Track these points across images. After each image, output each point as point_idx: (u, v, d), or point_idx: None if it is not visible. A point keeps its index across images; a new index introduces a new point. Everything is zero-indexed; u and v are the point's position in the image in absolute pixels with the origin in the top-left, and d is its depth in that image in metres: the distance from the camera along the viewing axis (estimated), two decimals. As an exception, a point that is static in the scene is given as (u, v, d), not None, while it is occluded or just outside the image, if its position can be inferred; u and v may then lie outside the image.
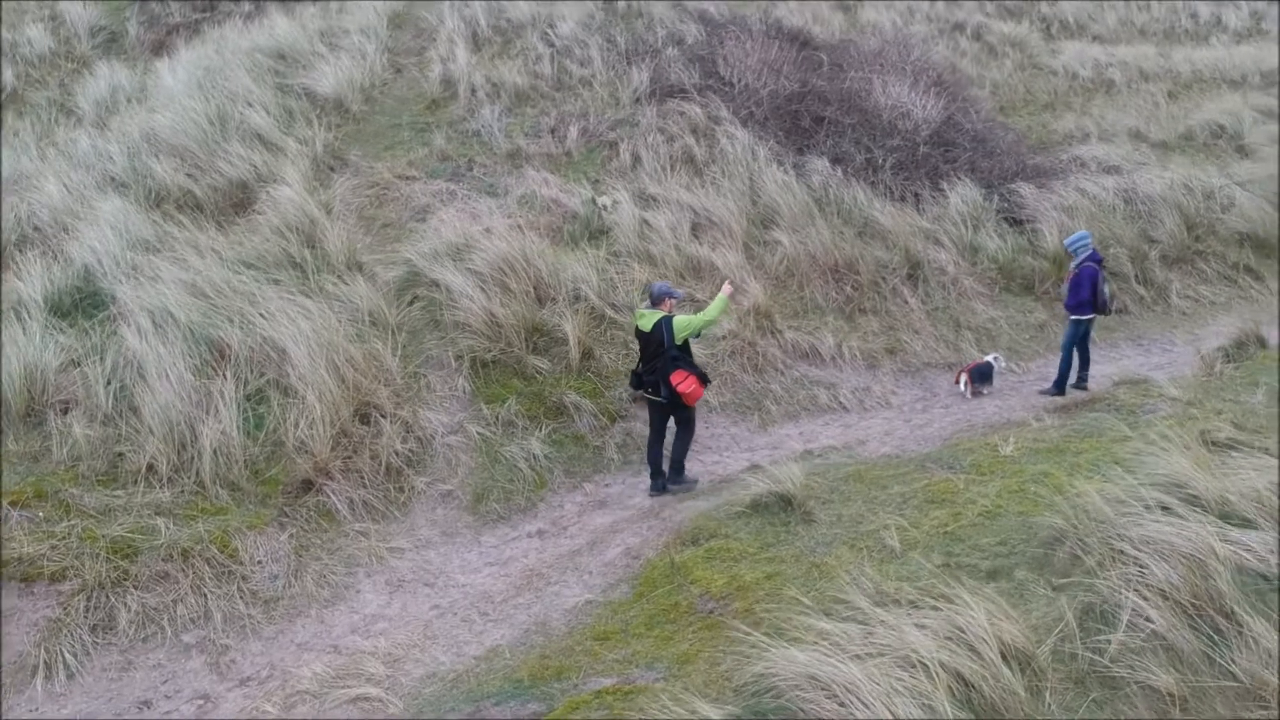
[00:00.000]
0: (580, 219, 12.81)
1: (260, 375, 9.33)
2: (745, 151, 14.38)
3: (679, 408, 9.16)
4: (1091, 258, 11.50)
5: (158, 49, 20.22)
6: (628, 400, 10.38)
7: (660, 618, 7.27)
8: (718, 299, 9.13)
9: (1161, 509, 6.53)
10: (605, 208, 13.16)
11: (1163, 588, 5.87)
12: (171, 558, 7.78)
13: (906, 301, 12.67)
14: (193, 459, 8.59)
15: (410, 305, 11.00)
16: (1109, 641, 5.61)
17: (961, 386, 11.63)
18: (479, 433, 9.54)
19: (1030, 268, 13.58)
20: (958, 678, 5.24)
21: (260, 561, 8.10)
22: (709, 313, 9.12)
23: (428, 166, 14.10)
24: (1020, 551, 7.02)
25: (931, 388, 11.80)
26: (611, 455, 9.87)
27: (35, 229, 12.17)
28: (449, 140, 14.69)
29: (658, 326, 8.96)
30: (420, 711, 6.39)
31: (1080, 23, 27.93)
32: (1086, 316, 11.48)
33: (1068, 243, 11.79)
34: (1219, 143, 19.54)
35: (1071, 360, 11.58)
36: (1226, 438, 8.49)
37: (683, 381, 8.87)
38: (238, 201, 13.01)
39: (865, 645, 5.66)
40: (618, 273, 11.78)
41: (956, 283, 13.09)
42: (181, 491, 8.43)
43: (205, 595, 7.67)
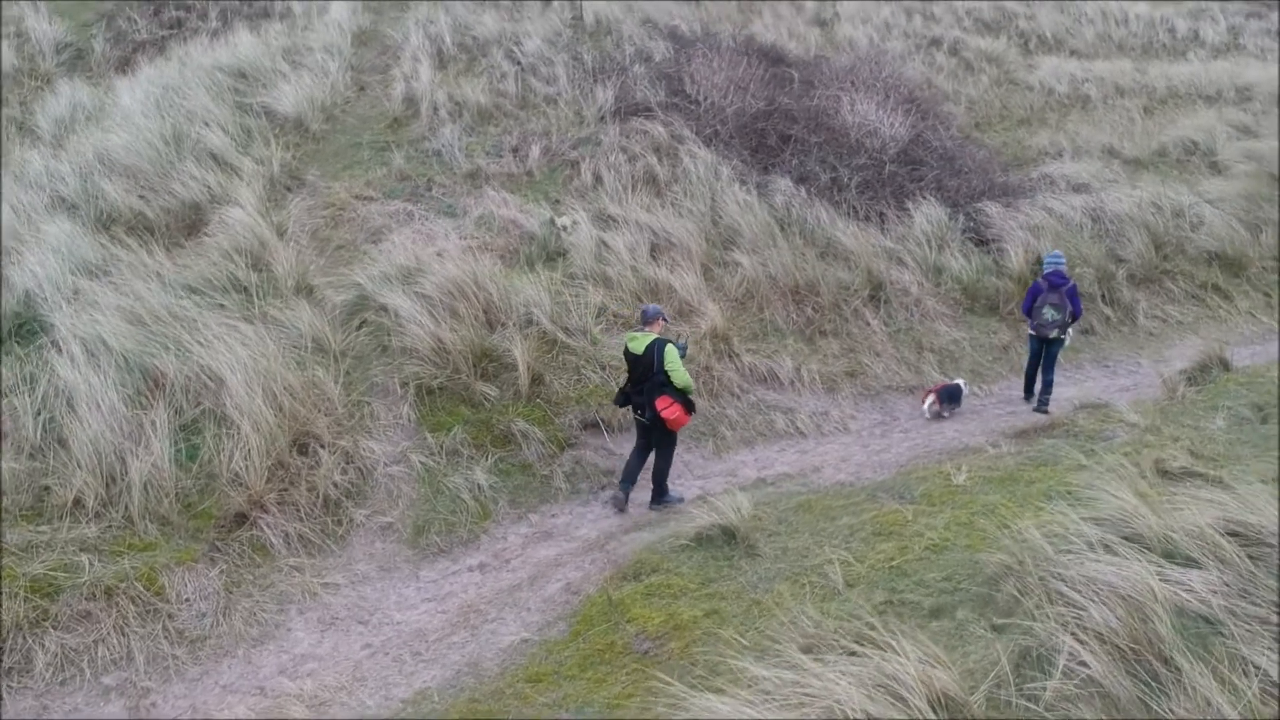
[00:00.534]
0: (538, 240, 12.62)
1: (197, 405, 9.08)
2: (708, 171, 14.22)
3: (661, 431, 9.21)
4: (1047, 277, 11.39)
5: (123, 66, 20.00)
6: (577, 427, 10.17)
7: (595, 658, 7.06)
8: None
9: (1104, 547, 6.34)
10: (564, 229, 12.98)
11: (1101, 631, 5.67)
12: (94, 596, 7.53)
13: (868, 323, 12.48)
14: (122, 492, 8.32)
15: (359, 330, 10.77)
16: (1044, 688, 5.41)
17: (925, 407, 11.48)
18: (422, 462, 9.30)
19: (995, 288, 13.40)
20: (883, 730, 5.05)
21: (188, 599, 7.85)
22: (692, 387, 9.26)
23: (386, 187, 13.90)
24: (964, 588, 6.84)
25: (892, 411, 11.61)
26: (559, 485, 9.64)
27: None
28: (408, 160, 14.50)
29: (650, 349, 8.99)
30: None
31: (1058, 38, 27.93)
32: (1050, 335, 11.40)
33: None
34: (1192, 159, 19.44)
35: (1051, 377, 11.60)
36: (1180, 467, 8.33)
37: (668, 408, 8.94)
38: (190, 223, 12.77)
39: (793, 693, 5.46)
40: (572, 296, 11.57)
41: (919, 304, 12.91)
42: (109, 526, 8.16)
43: (128, 635, 7.42)
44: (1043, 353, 11.56)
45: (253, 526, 8.44)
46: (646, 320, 9.29)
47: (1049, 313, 11.28)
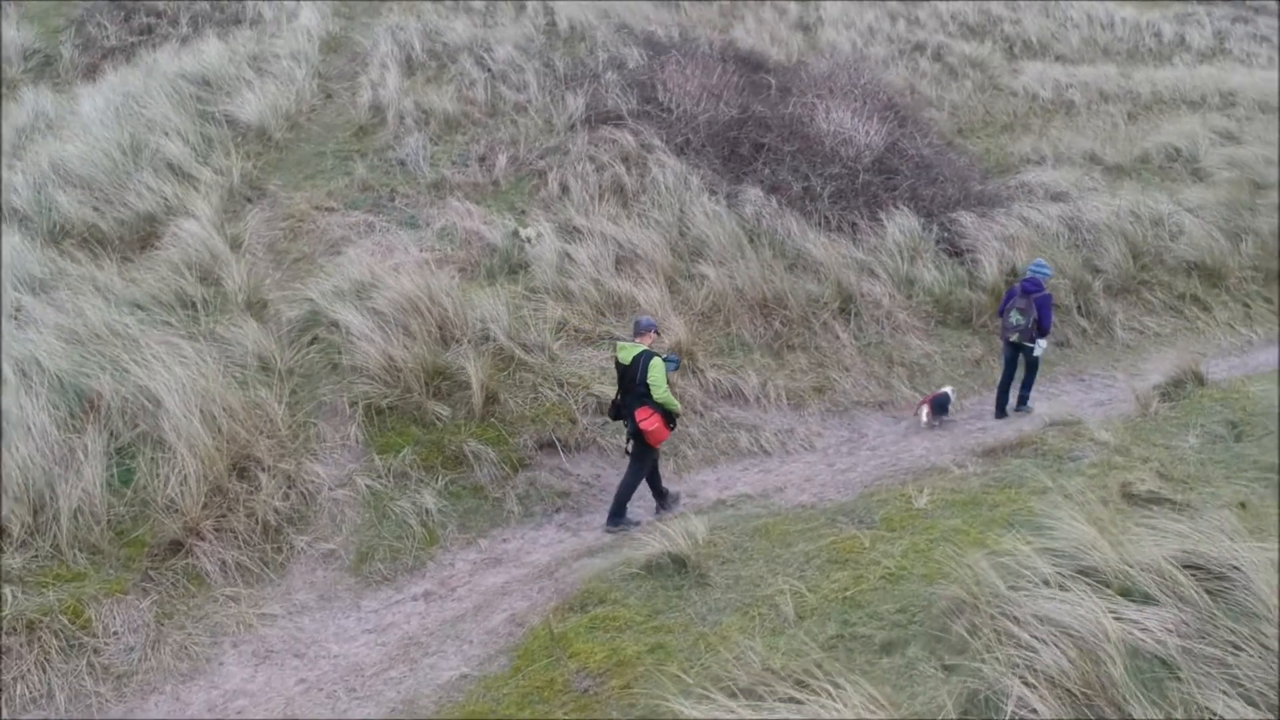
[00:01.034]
0: (500, 253, 12.33)
1: (134, 427, 8.78)
2: (677, 181, 13.94)
3: (640, 445, 9.09)
4: (1022, 282, 11.42)
5: (90, 73, 19.67)
6: (533, 447, 9.88)
7: (534, 696, 6.77)
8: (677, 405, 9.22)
9: (1059, 582, 6.06)
10: (528, 240, 12.69)
11: (1051, 674, 5.40)
12: (15, 630, 7.25)
13: (838, 337, 12.21)
14: (50, 520, 8.02)
15: (310, 347, 10.47)
16: (989, 737, 5.15)
17: (924, 418, 11.39)
18: (368, 485, 9.00)
19: (968, 300, 13.12)
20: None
21: (116, 632, 7.55)
22: (674, 405, 9.10)
23: (348, 197, 13.60)
24: (918, 622, 6.56)
25: (860, 428, 11.32)
26: (512, 508, 9.34)
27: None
28: (372, 170, 14.20)
29: (636, 360, 8.90)
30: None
31: (1044, 43, 27.71)
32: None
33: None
34: (1175, 166, 19.22)
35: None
36: (1147, 490, 8.08)
37: (646, 419, 8.85)
38: (144, 236, 12.48)
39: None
40: (532, 311, 11.28)
41: (891, 317, 12.64)
42: (35, 556, 7.86)
43: (49, 672, 7.12)
44: (1016, 362, 11.55)
45: (188, 555, 8.15)
46: (638, 332, 9.21)
47: (1014, 316, 11.28)
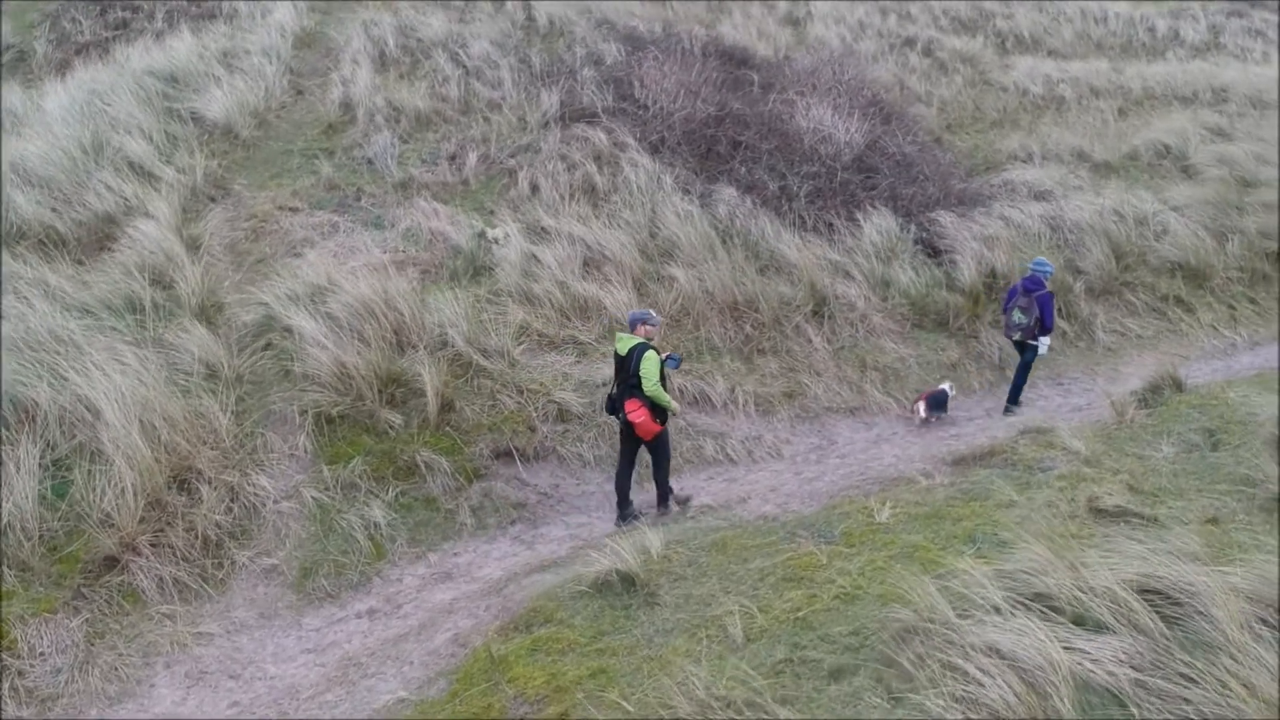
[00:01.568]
0: (464, 254, 12.04)
1: (71, 438, 8.50)
2: (650, 180, 13.63)
3: (645, 439, 9.03)
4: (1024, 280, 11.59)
5: (62, 70, 19.37)
6: (489, 456, 9.60)
7: (469, 722, 6.51)
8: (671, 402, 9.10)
9: (1011, 609, 5.80)
10: (495, 241, 12.41)
11: (997, 709, 5.15)
12: (-65, 653, 6.99)
13: (810, 340, 11.91)
14: (-22, 536, 7.76)
15: (264, 353, 10.19)
16: (928, 777, 4.88)
17: (922, 413, 11.28)
18: (315, 498, 8.73)
19: (945, 303, 12.80)
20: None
21: (43, 653, 7.29)
22: (664, 400, 8.96)
23: (313, 197, 13.30)
24: (870, 645, 6.31)
25: (829, 435, 11.04)
26: (465, 520, 9.07)
27: None
28: (338, 168, 13.90)
29: (632, 352, 8.86)
30: None
31: (1036, 37, 27.37)
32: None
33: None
34: (1163, 163, 18.89)
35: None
36: (1115, 505, 7.83)
37: (634, 411, 8.81)
38: (103, 237, 12.17)
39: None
40: (494, 315, 11.00)
41: (865, 319, 12.33)
42: (-39, 574, 7.60)
43: (-30, 696, 6.86)
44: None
45: (123, 571, 7.89)
46: (632, 324, 9.17)
47: (1016, 315, 11.42)
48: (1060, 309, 13.15)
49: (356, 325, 10.04)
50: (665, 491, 9.40)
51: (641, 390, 8.79)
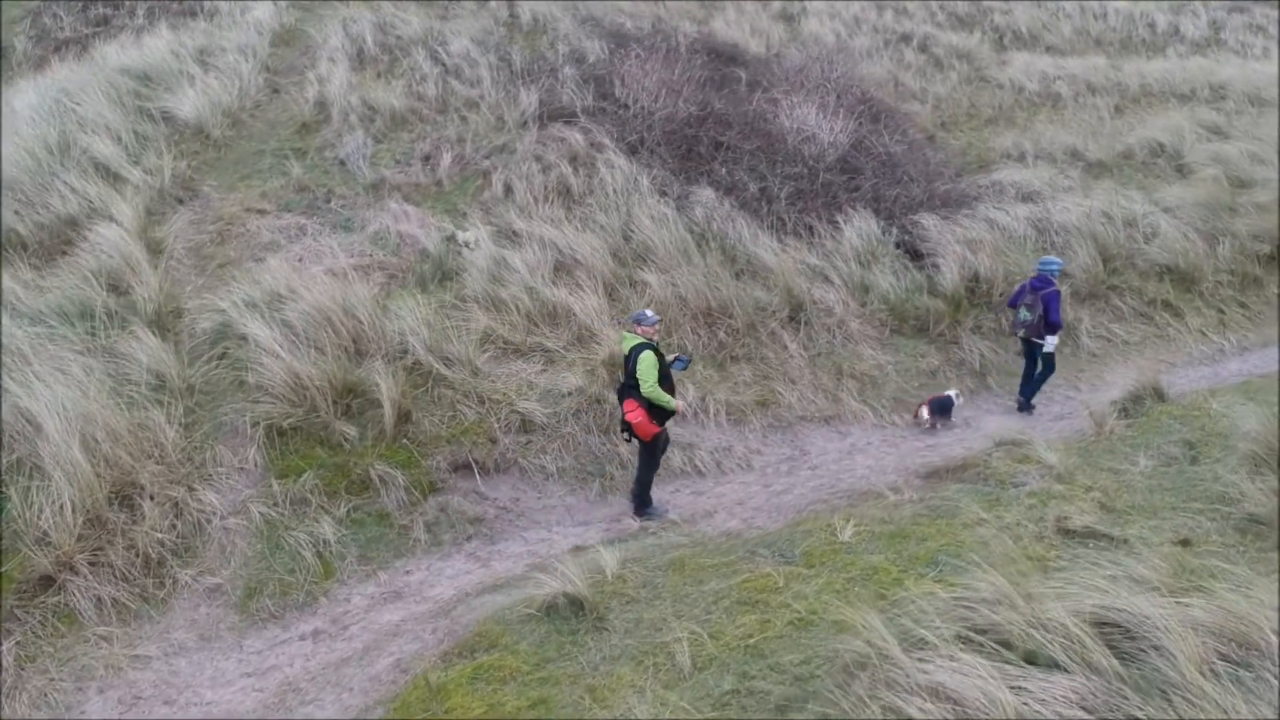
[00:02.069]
0: (433, 259, 11.76)
1: (10, 453, 8.26)
2: (626, 182, 13.34)
3: (644, 439, 9.02)
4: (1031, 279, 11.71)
5: (41, 66, 19.16)
6: (446, 469, 9.34)
7: (403, 755, 6.27)
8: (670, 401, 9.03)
9: (961, 644, 5.52)
10: (466, 245, 12.13)
11: (938, 755, 4.88)
12: None
13: (785, 347, 11.62)
14: (-92, 557, 7.52)
15: (220, 362, 9.93)
16: (861, 829, 4.62)
17: (923, 418, 11.17)
18: (263, 513, 8.47)
19: (925, 308, 12.48)
20: None
21: (-31, 679, 7.05)
22: (663, 400, 8.91)
23: (282, 199, 13.04)
24: (819, 676, 6.06)
25: (802, 445, 10.75)
26: (419, 535, 8.80)
27: None
28: (309, 169, 13.63)
29: (633, 352, 8.92)
30: None
31: (1034, 33, 27.02)
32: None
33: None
34: (1158, 162, 18.55)
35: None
36: (1084, 525, 7.55)
37: (631, 411, 8.84)
38: (64, 241, 11.93)
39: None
40: (458, 322, 10.72)
41: (843, 325, 12.04)
42: (-111, 596, 7.37)
43: (-110, 724, 6.63)
44: (1034, 357, 11.72)
45: (60, 591, 7.65)
46: (634, 325, 9.20)
47: (1023, 312, 11.58)
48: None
49: (313, 334, 9.78)
50: (645, 499, 9.31)
51: (639, 392, 8.79)
